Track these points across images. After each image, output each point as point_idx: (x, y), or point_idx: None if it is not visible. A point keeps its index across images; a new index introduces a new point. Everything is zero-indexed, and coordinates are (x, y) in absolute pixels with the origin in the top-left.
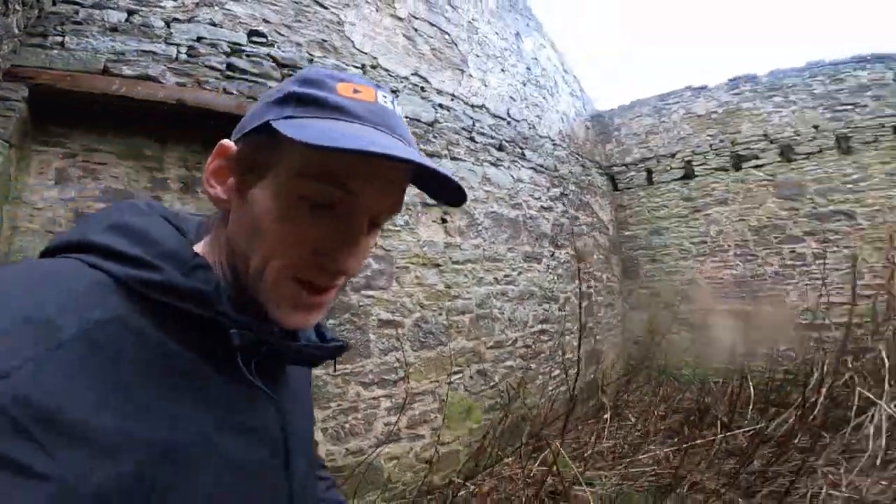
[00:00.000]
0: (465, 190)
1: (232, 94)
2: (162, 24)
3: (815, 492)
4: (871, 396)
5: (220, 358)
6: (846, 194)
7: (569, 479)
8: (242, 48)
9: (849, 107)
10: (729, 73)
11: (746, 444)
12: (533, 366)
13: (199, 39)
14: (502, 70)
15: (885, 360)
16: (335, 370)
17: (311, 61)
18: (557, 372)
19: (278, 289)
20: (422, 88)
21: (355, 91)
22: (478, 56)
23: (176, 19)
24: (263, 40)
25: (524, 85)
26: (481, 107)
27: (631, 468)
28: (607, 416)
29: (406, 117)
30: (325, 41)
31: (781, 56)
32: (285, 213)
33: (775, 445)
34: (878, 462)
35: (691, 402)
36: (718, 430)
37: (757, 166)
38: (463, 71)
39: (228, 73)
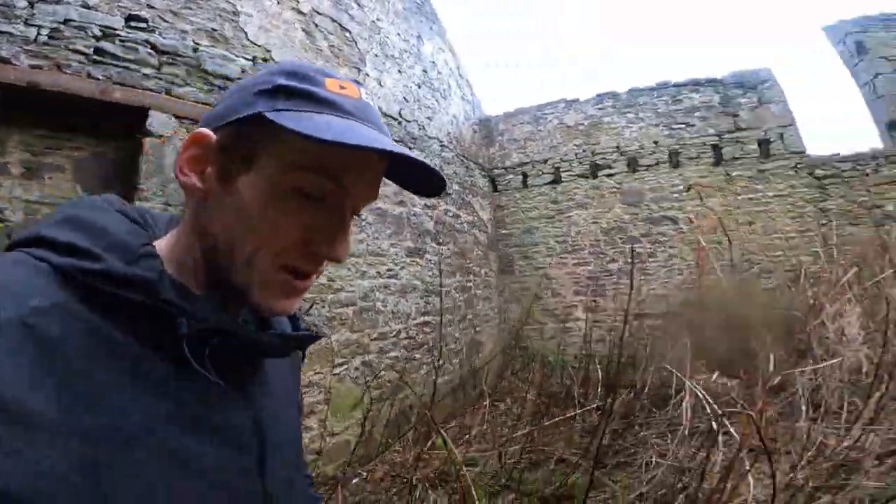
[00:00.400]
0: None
1: (98, 79)
2: (25, 4)
3: (647, 460)
4: (680, 375)
5: (171, 350)
6: (672, 202)
7: (453, 461)
8: (117, 33)
9: (682, 126)
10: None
11: (598, 421)
12: (417, 356)
13: (66, 22)
14: (399, 71)
15: (688, 344)
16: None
17: (195, 50)
18: (441, 362)
19: (268, 275)
20: None
21: (342, 87)
22: (377, 56)
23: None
24: (143, 26)
25: (419, 87)
26: None
27: (508, 447)
28: (486, 402)
29: None
30: (215, 30)
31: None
32: (279, 203)
33: (619, 421)
34: (687, 433)
35: (556, 385)
36: (576, 409)
37: (609, 175)
38: (359, 70)
39: (96, 57)
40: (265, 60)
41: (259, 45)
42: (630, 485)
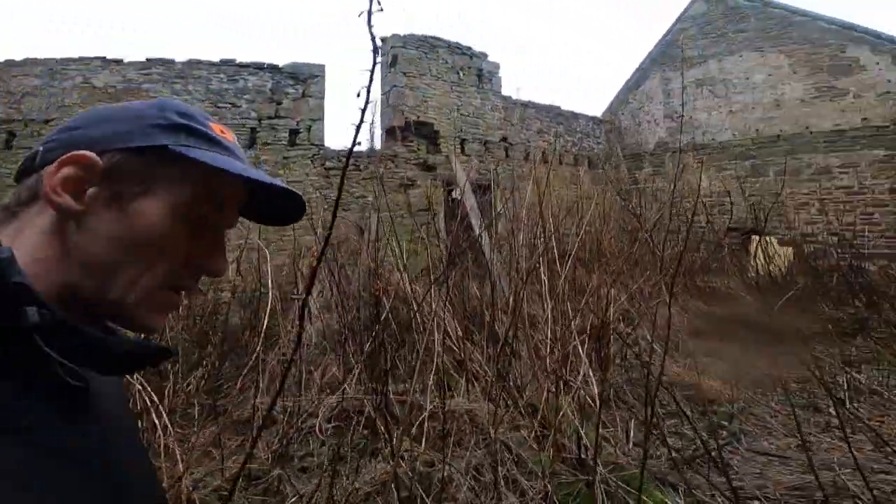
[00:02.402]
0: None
1: None
2: None
3: None
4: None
5: (13, 354)
6: None
7: None
8: None
9: (228, 105)
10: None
11: None
12: None
13: None
14: None
15: None
16: None
17: None
18: None
19: (154, 295)
20: None
21: (221, 131)
22: None
23: None
24: None
25: None
26: None
27: None
28: None
29: None
30: None
31: None
32: (176, 227)
33: None
34: None
35: None
36: None
37: None
38: None
39: None
40: None
41: None
42: None
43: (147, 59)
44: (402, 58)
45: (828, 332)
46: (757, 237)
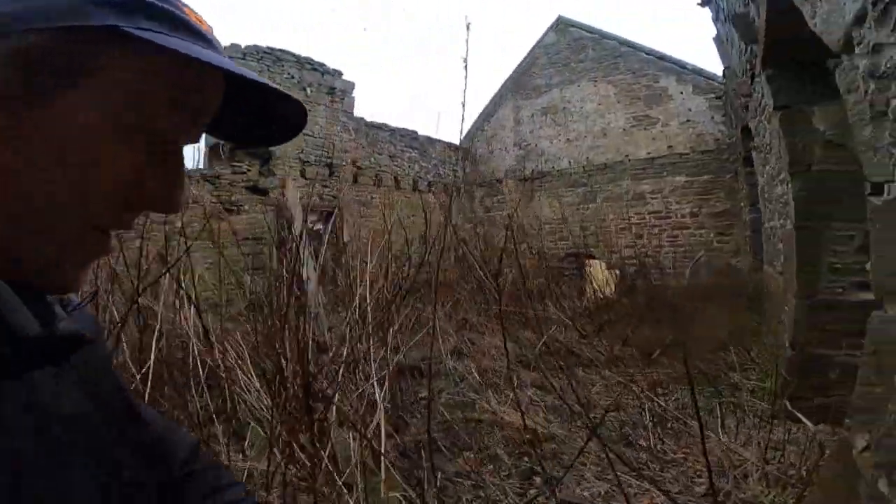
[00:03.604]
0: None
1: None
2: None
3: None
4: None
5: None
6: None
7: None
8: None
9: None
10: None
11: None
12: None
13: None
14: None
15: None
16: None
17: None
18: None
19: (81, 234)
20: None
21: (198, 19)
22: None
23: None
24: None
25: None
26: None
27: None
28: None
29: None
30: None
31: None
32: (119, 135)
33: None
34: None
35: None
36: None
37: None
38: None
39: None
40: None
41: None
42: None
43: None
44: None
45: (640, 354)
46: (589, 262)
